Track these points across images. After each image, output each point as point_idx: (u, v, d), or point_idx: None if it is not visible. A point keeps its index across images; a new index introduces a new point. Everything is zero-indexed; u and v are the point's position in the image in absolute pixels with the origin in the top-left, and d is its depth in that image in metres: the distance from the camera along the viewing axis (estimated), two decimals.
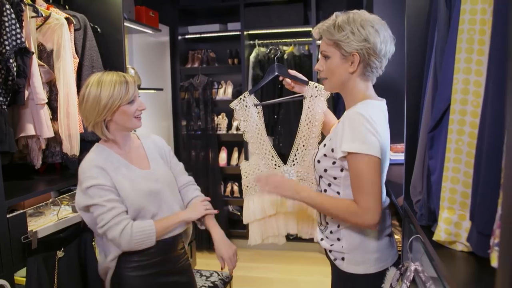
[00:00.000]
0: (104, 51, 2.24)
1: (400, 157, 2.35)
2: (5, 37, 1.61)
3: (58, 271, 1.69)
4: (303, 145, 1.76)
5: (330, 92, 1.64)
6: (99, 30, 2.26)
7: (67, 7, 2.24)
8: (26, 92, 1.78)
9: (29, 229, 1.63)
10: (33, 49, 1.82)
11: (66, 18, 1.98)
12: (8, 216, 1.53)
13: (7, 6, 1.60)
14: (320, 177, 1.45)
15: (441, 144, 1.04)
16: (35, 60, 1.81)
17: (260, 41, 3.92)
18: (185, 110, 3.94)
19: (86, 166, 1.51)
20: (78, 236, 1.83)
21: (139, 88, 3.13)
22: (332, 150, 1.35)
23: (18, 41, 1.66)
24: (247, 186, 1.82)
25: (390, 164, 2.31)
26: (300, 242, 3.90)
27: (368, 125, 1.26)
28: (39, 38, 1.96)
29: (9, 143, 1.70)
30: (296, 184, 1.53)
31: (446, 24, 1.11)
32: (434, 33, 1.20)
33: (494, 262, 0.72)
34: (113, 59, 2.29)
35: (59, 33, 1.94)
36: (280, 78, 1.77)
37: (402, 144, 2.40)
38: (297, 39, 3.85)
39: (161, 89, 3.63)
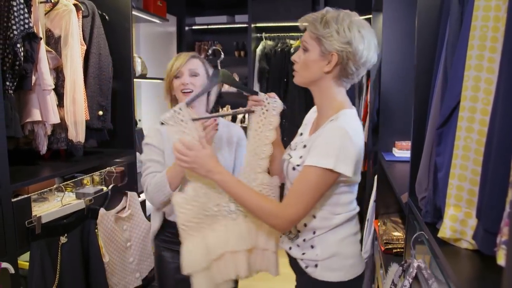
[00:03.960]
0: (112, 39, 2.23)
1: (405, 154, 2.34)
2: (13, 22, 1.60)
3: (61, 257, 1.70)
4: (250, 168, 1.43)
5: (282, 108, 1.46)
6: (107, 17, 2.25)
7: None
8: (33, 78, 1.78)
9: (33, 214, 1.63)
10: (41, 35, 1.81)
11: (75, 5, 1.98)
12: (13, 200, 1.54)
13: None
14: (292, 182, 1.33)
15: (449, 141, 1.03)
16: (42, 46, 1.81)
17: (267, 34, 3.91)
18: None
19: (152, 126, 1.73)
20: (81, 222, 1.83)
21: (144, 78, 3.13)
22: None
23: (26, 26, 1.65)
24: (185, 226, 1.38)
25: (395, 161, 2.33)
26: None
27: (349, 142, 1.20)
28: (47, 24, 1.96)
29: (15, 128, 1.71)
30: (212, 162, 1.32)
31: (458, 20, 1.10)
32: (445, 29, 1.19)
33: (501, 260, 0.71)
34: (120, 47, 2.29)
35: (67, 20, 1.93)
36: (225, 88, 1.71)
37: (407, 141, 2.40)
38: None
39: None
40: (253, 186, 1.40)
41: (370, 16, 3.13)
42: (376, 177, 2.61)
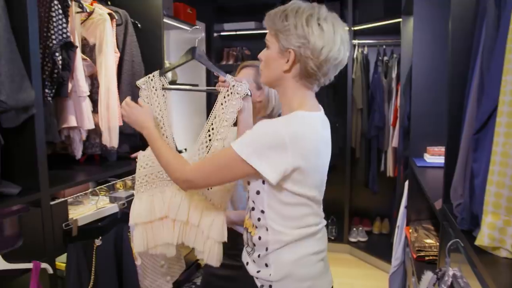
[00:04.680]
0: (144, 46, 2.29)
1: (437, 160, 2.30)
2: (52, 32, 1.67)
3: (95, 259, 1.74)
4: (206, 146, 1.45)
5: (247, 92, 1.40)
6: (139, 25, 2.31)
7: (109, 2, 2.30)
8: (70, 85, 1.85)
9: (69, 217, 1.69)
10: (77, 44, 1.88)
11: (109, 14, 2.04)
12: (51, 203, 1.59)
13: (55, 2, 1.66)
14: (248, 191, 1.28)
15: (486, 146, 1.01)
16: (79, 54, 1.87)
17: None
18: None
19: None
20: (115, 226, 1.88)
21: (175, 83, 3.19)
22: None
23: (64, 35, 1.72)
24: (140, 181, 1.55)
25: (426, 167, 2.28)
26: (329, 243, 3.87)
27: (274, 144, 1.11)
28: (83, 32, 2.03)
29: (53, 134, 1.77)
30: (144, 117, 1.38)
31: (495, 23, 1.07)
32: (481, 32, 1.16)
33: None
34: (152, 54, 2.34)
35: (102, 28, 1.99)
36: None
37: (439, 147, 2.35)
38: None
39: (196, 85, 3.67)
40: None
41: (400, 20, 3.10)
42: (407, 183, 2.56)
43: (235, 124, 1.44)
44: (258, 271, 1.26)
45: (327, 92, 3.62)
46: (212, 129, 1.44)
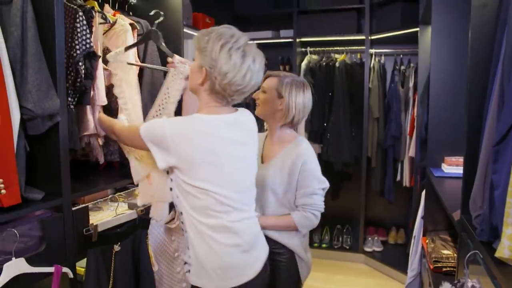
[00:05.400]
0: (164, 56, 2.32)
1: (455, 170, 2.28)
2: (76, 42, 1.71)
3: (114, 265, 1.76)
4: (151, 118, 1.73)
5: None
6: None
7: (131, 13, 2.35)
8: (91, 93, 1.89)
9: (90, 223, 1.72)
10: (100, 53, 1.92)
11: (131, 24, 2.08)
12: (73, 209, 1.63)
13: (80, 13, 1.71)
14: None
15: (507, 158, 1.00)
16: (100, 64, 1.91)
17: (311, 49, 3.93)
18: None
19: None
20: (133, 232, 1.90)
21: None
22: None
23: (88, 45, 1.76)
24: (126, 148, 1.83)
25: (444, 177, 2.26)
26: (344, 252, 3.86)
27: (162, 140, 1.33)
28: (105, 42, 2.07)
29: (74, 141, 1.81)
30: (101, 114, 1.84)
31: None
32: (501, 43, 1.16)
33: None
34: None
35: (124, 38, 2.03)
36: None
37: (456, 157, 2.33)
38: (350, 47, 3.82)
39: None
40: None
41: (417, 29, 3.09)
42: (423, 193, 2.54)
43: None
44: (185, 253, 1.45)
45: (343, 101, 3.62)
46: (161, 105, 1.66)
